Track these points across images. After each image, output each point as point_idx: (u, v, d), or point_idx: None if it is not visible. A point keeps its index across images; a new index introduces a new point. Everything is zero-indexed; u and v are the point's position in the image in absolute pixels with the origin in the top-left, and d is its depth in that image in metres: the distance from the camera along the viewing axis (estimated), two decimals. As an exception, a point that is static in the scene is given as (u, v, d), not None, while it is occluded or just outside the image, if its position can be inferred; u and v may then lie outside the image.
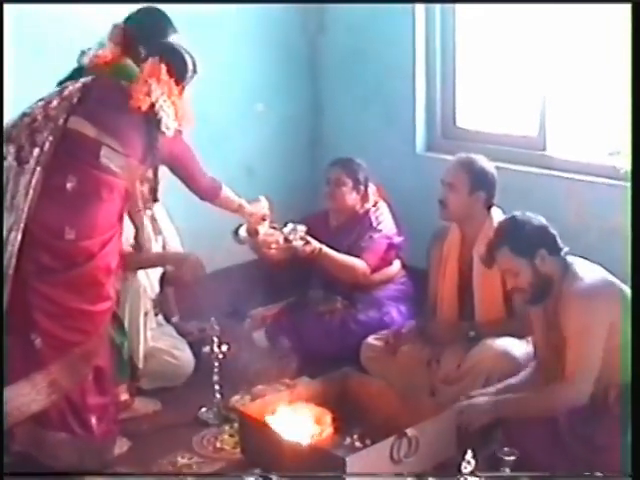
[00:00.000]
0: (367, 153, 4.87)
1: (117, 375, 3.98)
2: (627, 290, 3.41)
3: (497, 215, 4.10)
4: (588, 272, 3.45)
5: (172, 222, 4.58)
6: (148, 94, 3.52)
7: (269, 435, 3.53)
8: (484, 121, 5.03)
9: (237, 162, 5.13)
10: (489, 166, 4.11)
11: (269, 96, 5.29)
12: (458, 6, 4.94)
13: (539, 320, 3.61)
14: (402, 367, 4.15)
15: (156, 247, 4.44)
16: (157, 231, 4.48)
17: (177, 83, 3.62)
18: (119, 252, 3.74)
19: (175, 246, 4.55)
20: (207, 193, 3.99)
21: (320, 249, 4.38)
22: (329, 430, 3.64)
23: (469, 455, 3.09)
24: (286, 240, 4.28)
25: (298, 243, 4.28)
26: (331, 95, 5.45)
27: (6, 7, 3.81)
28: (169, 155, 3.71)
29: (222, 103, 5.06)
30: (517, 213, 3.54)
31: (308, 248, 4.34)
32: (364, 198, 4.67)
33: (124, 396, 4.10)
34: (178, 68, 3.65)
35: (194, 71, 3.73)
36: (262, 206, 4.23)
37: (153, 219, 4.45)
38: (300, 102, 5.45)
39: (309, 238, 4.35)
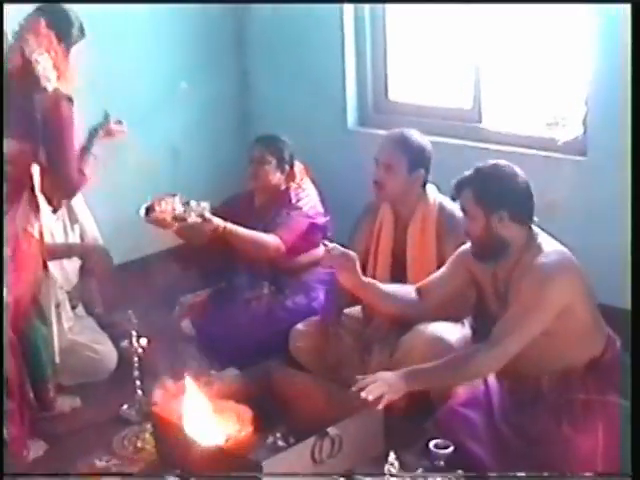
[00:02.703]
0: (297, 130, 4.63)
1: (41, 372, 3.73)
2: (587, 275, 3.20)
3: (432, 192, 3.86)
4: (554, 249, 3.17)
5: (90, 209, 4.30)
6: (22, 50, 3.28)
7: (181, 437, 3.27)
8: (417, 94, 4.79)
9: (162, 144, 4.90)
10: (425, 142, 3.86)
11: (194, 74, 5.02)
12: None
13: (486, 282, 3.33)
14: (333, 356, 3.91)
15: (73, 237, 4.19)
16: (73, 220, 4.21)
17: (59, 39, 3.39)
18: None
19: (93, 235, 4.31)
20: (72, 180, 3.65)
21: (224, 227, 4.05)
22: (248, 429, 3.36)
23: (392, 457, 2.90)
24: (177, 218, 3.92)
25: (193, 220, 3.92)
26: (258, 71, 5.21)
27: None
28: (48, 118, 3.41)
29: (144, 83, 4.82)
30: (504, 164, 3.22)
31: (209, 226, 4.00)
32: (289, 177, 4.37)
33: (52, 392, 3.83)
34: (60, 22, 3.44)
35: (81, 32, 3.52)
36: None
37: (69, 207, 4.16)
38: (226, 79, 5.20)
39: (209, 216, 3.99)
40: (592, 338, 3.21)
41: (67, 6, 3.52)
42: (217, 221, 4.02)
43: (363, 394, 3.08)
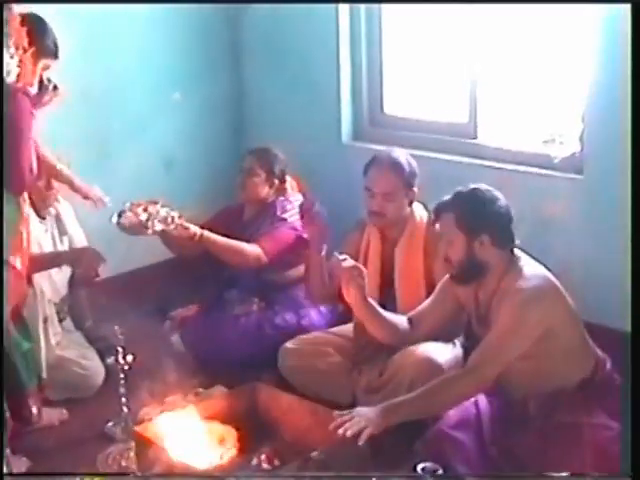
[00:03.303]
0: (291, 142, 4.53)
1: (27, 382, 3.62)
2: (569, 298, 3.15)
3: (418, 209, 3.80)
4: (534, 273, 3.12)
5: (79, 221, 4.24)
6: None
7: (163, 459, 3.16)
8: (413, 108, 4.68)
9: (155, 153, 4.83)
10: (411, 159, 3.79)
11: (188, 82, 4.94)
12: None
13: (469, 305, 3.29)
14: (323, 376, 3.83)
15: (62, 248, 4.12)
16: (62, 231, 4.14)
17: (31, 42, 3.28)
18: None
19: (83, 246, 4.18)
20: (23, 176, 3.37)
21: (201, 234, 3.95)
22: (232, 451, 3.27)
23: None
24: (142, 225, 3.80)
25: (158, 227, 3.80)
26: (254, 81, 5.10)
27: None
28: (8, 112, 3.24)
29: (137, 91, 4.74)
30: (485, 188, 3.19)
31: (184, 233, 3.89)
32: (278, 191, 4.29)
33: (35, 407, 3.71)
34: (36, 26, 3.37)
35: (55, 48, 3.47)
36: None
37: (58, 219, 4.11)
38: (221, 88, 5.09)
39: (186, 223, 3.89)
40: (579, 360, 3.15)
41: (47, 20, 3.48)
42: (193, 228, 3.92)
43: (340, 431, 3.01)
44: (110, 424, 3.77)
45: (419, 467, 2.99)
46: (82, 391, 4.04)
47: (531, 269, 3.13)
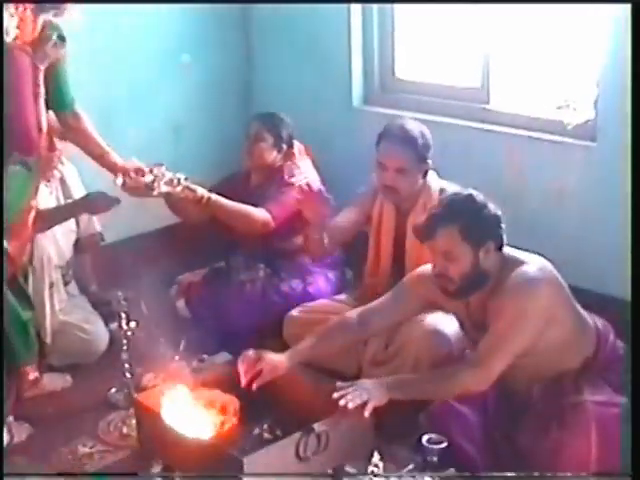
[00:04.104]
0: (301, 107, 4.48)
1: (24, 353, 3.55)
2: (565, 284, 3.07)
3: (433, 179, 3.70)
4: (529, 263, 3.00)
5: (84, 186, 4.15)
6: None
7: (162, 428, 3.10)
8: (425, 72, 4.55)
9: (163, 119, 4.72)
10: (425, 129, 3.67)
11: (197, 47, 4.81)
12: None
13: (460, 314, 3.21)
14: None
15: None
16: (67, 195, 4.07)
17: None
18: None
19: (87, 211, 4.11)
20: (31, 136, 3.33)
21: (208, 197, 3.83)
22: (233, 421, 3.18)
23: (376, 457, 2.85)
24: (148, 187, 3.68)
25: (163, 189, 3.68)
26: (263, 46, 4.96)
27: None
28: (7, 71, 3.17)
29: (145, 56, 4.62)
30: (473, 192, 3.04)
31: (191, 195, 3.78)
32: (286, 157, 4.18)
33: (33, 374, 3.65)
34: None
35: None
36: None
37: (62, 181, 4.04)
38: (230, 54, 4.95)
39: (192, 185, 3.77)
40: (580, 342, 3.09)
41: None
42: (200, 191, 3.81)
43: (342, 402, 2.93)
44: (113, 391, 3.73)
45: (424, 438, 2.96)
46: (85, 357, 3.99)
47: (523, 259, 3.01)
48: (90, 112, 3.65)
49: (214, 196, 3.86)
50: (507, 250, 3.05)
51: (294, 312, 3.90)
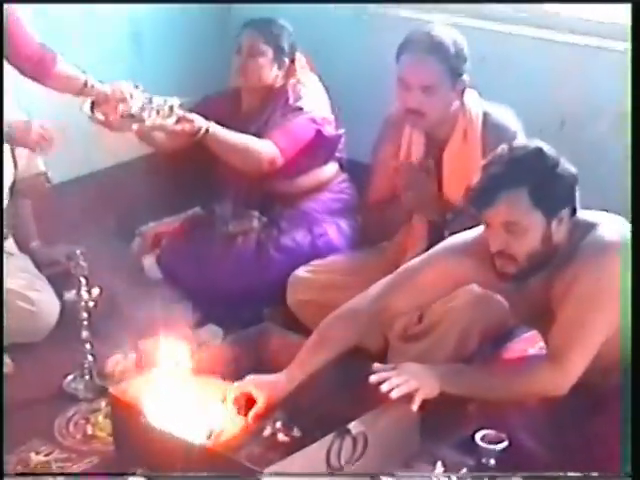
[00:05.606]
0: (297, 10, 4.19)
1: None
2: None
3: (472, 100, 3.50)
4: (602, 223, 2.88)
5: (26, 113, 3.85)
6: None
7: (147, 429, 2.90)
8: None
9: (121, 26, 4.44)
10: (458, 35, 3.45)
11: None
12: None
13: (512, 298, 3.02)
14: None
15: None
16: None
17: None
18: None
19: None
20: (35, 66, 3.40)
21: (207, 129, 3.64)
22: (239, 419, 2.96)
23: (439, 469, 2.79)
24: (131, 116, 3.56)
25: (153, 121, 3.57)
26: None
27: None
28: None
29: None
30: (543, 145, 2.84)
31: (187, 128, 3.62)
32: (288, 74, 3.92)
33: None
34: None
35: None
36: (121, 88, 3.61)
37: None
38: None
39: (190, 115, 3.63)
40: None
41: None
42: (198, 121, 3.62)
43: (384, 387, 2.76)
44: (69, 378, 3.51)
45: (478, 436, 2.84)
46: (30, 334, 3.74)
47: (597, 220, 2.86)
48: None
49: (214, 127, 3.66)
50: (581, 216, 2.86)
51: (300, 272, 3.70)
